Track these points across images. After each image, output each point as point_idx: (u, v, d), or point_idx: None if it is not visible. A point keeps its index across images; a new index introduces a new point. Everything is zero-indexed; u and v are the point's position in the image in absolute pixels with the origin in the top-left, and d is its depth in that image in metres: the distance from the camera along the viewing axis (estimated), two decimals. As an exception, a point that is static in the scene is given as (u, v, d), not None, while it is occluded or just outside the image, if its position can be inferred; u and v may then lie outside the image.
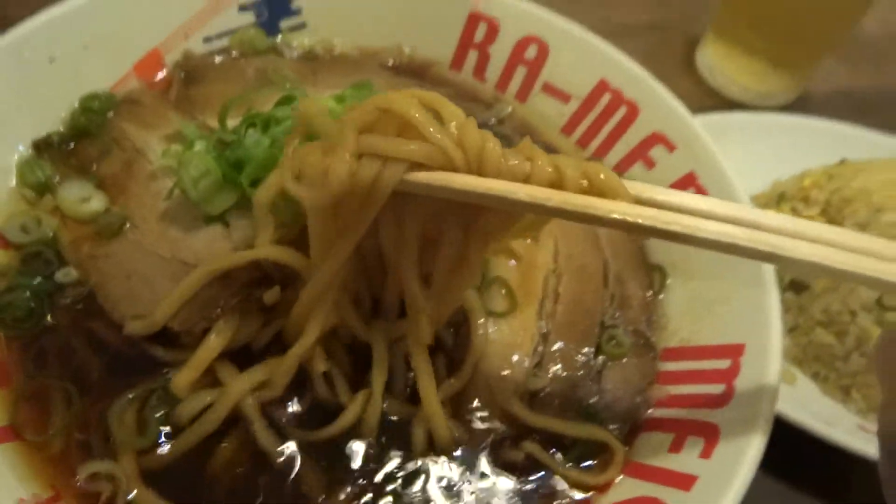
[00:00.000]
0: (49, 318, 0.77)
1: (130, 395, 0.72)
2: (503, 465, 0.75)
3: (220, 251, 0.82)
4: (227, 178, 0.81)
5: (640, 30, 1.01)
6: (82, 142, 0.90)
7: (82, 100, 0.92)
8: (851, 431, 1.08)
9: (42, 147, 0.88)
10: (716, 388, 0.78)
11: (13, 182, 0.85)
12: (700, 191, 0.94)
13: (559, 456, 0.77)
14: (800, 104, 1.60)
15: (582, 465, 0.77)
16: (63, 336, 0.77)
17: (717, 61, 1.61)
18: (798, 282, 1.17)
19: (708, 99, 1.57)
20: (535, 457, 0.76)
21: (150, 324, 0.76)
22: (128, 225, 0.85)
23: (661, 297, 0.91)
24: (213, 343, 0.73)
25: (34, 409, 0.72)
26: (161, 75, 1.00)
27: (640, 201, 0.62)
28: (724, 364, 0.79)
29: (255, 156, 0.79)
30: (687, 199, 0.63)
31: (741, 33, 1.56)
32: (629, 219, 0.60)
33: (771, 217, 0.62)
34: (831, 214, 1.22)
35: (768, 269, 0.83)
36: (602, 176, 0.61)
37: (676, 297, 0.91)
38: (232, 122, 0.87)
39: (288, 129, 0.80)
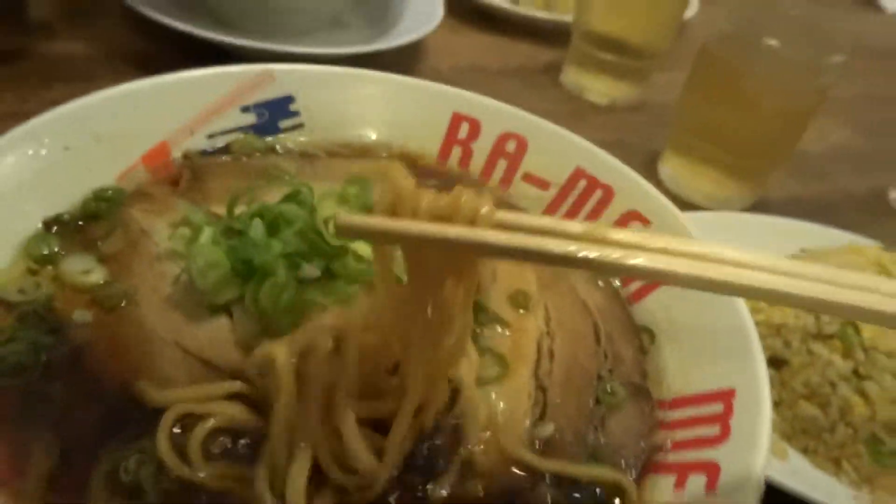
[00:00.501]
0: (44, 369, 0.78)
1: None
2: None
3: (223, 342, 0.82)
4: (235, 272, 0.83)
5: (605, 146, 1.13)
6: (90, 223, 0.94)
7: (96, 191, 0.97)
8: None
9: (51, 224, 0.92)
10: (712, 430, 0.80)
11: (18, 255, 0.88)
12: (677, 258, 1.00)
13: (577, 496, 0.76)
14: (756, 209, 1.72)
15: (598, 506, 0.76)
16: (56, 388, 0.76)
17: (677, 171, 1.75)
18: (776, 357, 1.22)
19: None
20: (555, 499, 0.75)
21: (158, 401, 0.76)
22: (124, 302, 0.86)
23: (652, 353, 0.94)
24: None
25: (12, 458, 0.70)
26: (167, 168, 1.05)
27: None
28: (717, 408, 0.82)
29: (265, 259, 0.81)
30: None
31: (696, 145, 1.71)
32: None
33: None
34: (799, 294, 1.28)
35: (746, 315, 0.88)
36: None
37: (665, 355, 0.94)
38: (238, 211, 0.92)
39: (298, 231, 0.85)
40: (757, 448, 0.74)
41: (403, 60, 1.94)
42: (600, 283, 1.04)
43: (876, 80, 2.56)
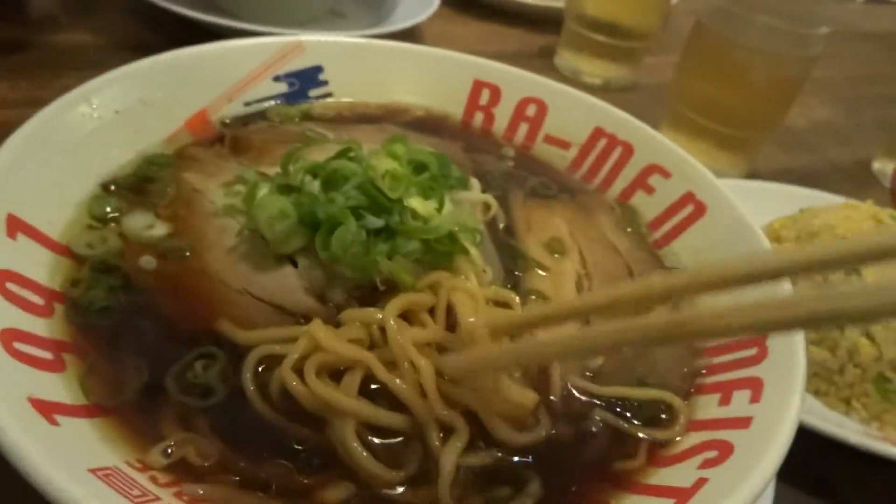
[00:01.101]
0: (126, 309, 0.82)
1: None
2: (580, 434, 0.79)
3: (292, 289, 0.86)
4: (302, 222, 0.87)
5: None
6: (144, 184, 0.98)
7: (148, 157, 1.01)
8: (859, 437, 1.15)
9: (109, 186, 0.96)
10: (750, 351, 0.85)
11: (81, 213, 0.91)
12: (699, 206, 1.07)
13: (629, 416, 0.82)
14: (750, 178, 1.79)
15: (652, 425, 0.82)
16: (140, 324, 0.80)
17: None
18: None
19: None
20: (608, 422, 0.80)
21: (239, 337, 0.80)
22: (188, 253, 0.90)
23: (682, 292, 1.00)
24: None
25: (107, 383, 0.74)
26: (208, 132, 1.09)
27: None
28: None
29: (330, 211, 0.85)
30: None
31: (690, 119, 1.79)
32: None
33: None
34: (803, 248, 1.35)
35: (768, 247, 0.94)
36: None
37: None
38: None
39: (356, 185, 0.88)
40: (796, 359, 0.80)
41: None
42: (628, 228, 1.10)
43: (851, 61, 2.69)
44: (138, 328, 0.80)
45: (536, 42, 2.29)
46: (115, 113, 0.99)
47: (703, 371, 0.89)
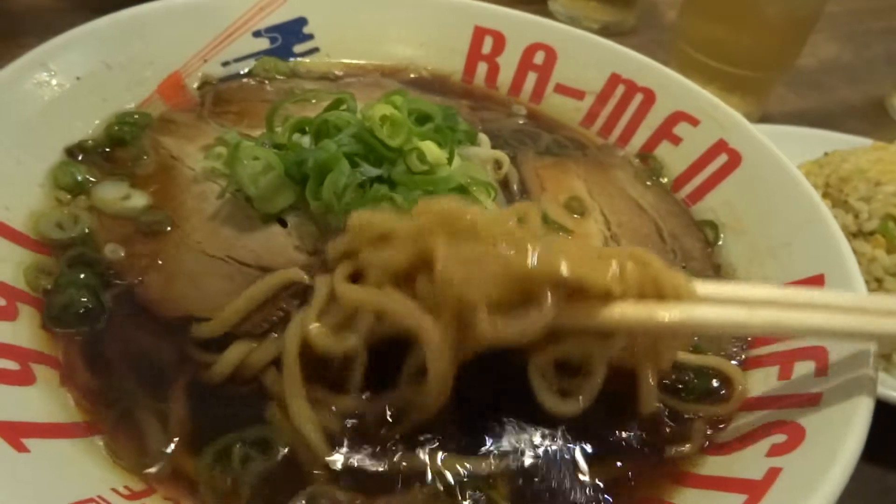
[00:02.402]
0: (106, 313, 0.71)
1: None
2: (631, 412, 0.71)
3: (280, 248, 0.78)
4: (290, 175, 0.78)
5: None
6: (116, 149, 0.87)
7: (119, 114, 0.90)
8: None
9: (75, 152, 0.85)
10: (807, 316, 0.76)
11: (45, 188, 0.80)
12: (732, 154, 0.97)
13: (683, 394, 0.73)
14: (763, 123, 1.69)
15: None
16: (120, 332, 0.70)
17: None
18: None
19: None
20: (664, 401, 0.72)
21: (219, 326, 0.70)
22: (168, 227, 0.80)
23: (719, 246, 0.91)
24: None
25: (108, 410, 0.64)
26: (183, 97, 0.97)
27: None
28: (809, 294, 0.78)
29: (321, 157, 0.77)
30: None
31: (700, 62, 1.67)
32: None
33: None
34: (833, 195, 1.26)
35: (821, 204, 0.85)
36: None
37: (735, 249, 0.91)
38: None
39: (352, 134, 0.79)
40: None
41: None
42: (648, 182, 1.00)
43: (855, -7, 2.56)
44: (122, 329, 0.70)
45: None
46: (77, 79, 0.87)
47: (753, 339, 0.80)
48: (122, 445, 0.61)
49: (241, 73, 1.04)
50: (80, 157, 0.84)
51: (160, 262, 0.76)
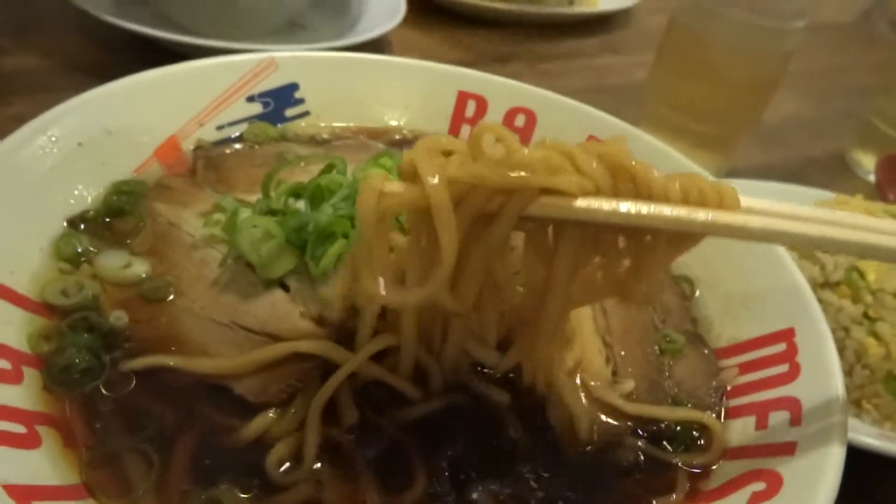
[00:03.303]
0: (107, 373, 0.73)
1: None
2: (618, 465, 0.74)
3: (285, 314, 0.81)
4: (290, 241, 0.81)
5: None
6: (116, 218, 0.90)
7: (115, 184, 0.93)
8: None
9: (77, 222, 0.87)
10: (781, 369, 0.81)
11: (49, 257, 0.82)
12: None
13: (665, 445, 0.76)
14: (730, 178, 1.77)
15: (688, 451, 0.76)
16: (125, 392, 0.72)
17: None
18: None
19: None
20: (646, 452, 0.76)
21: (219, 369, 0.74)
22: (171, 294, 0.82)
23: (696, 299, 0.96)
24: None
25: (108, 472, 0.65)
26: (180, 161, 1.01)
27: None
28: (780, 348, 0.83)
29: (320, 221, 0.80)
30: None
31: (669, 118, 1.75)
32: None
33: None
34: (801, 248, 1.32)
35: (787, 259, 0.90)
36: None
37: (710, 303, 0.96)
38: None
39: (345, 197, 0.84)
40: (833, 375, 0.75)
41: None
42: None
43: (815, 52, 2.69)
44: (124, 391, 0.72)
45: (501, 48, 2.24)
46: (78, 145, 0.90)
47: (730, 390, 0.84)
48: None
49: (234, 136, 1.08)
50: (81, 227, 0.87)
51: (166, 328, 0.78)
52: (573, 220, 0.63)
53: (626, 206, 0.62)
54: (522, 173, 0.60)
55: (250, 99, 1.10)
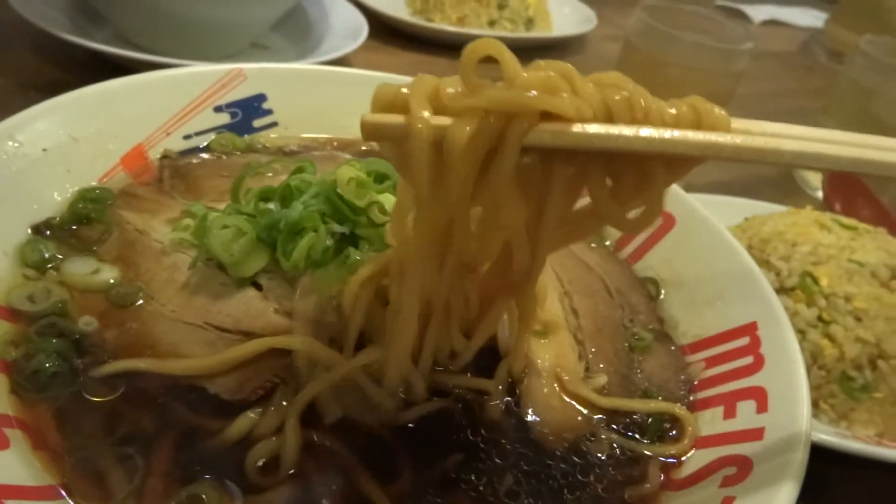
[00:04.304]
0: (80, 376, 0.71)
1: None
2: (590, 457, 0.75)
3: (259, 312, 0.80)
4: (261, 239, 0.81)
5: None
6: (82, 226, 0.88)
7: (81, 191, 0.92)
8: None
9: (41, 229, 0.86)
10: (745, 361, 0.84)
11: (13, 263, 0.80)
12: (667, 217, 1.05)
13: (638, 437, 0.78)
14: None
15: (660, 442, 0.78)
16: (99, 397, 0.70)
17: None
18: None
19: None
20: (616, 444, 0.77)
21: (193, 369, 0.73)
22: (140, 299, 0.81)
23: (662, 300, 0.98)
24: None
25: (87, 475, 0.64)
26: (146, 169, 1.00)
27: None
28: (744, 341, 0.86)
29: (291, 217, 0.80)
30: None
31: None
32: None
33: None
34: (756, 255, 1.36)
35: (749, 260, 0.93)
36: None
37: (676, 303, 0.98)
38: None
39: (315, 194, 0.84)
40: (795, 364, 0.78)
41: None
42: (592, 244, 1.07)
43: (757, 78, 2.81)
44: (96, 395, 0.71)
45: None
46: (43, 151, 0.89)
47: (697, 383, 0.86)
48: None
49: (201, 146, 1.08)
50: (47, 233, 0.86)
51: (138, 333, 0.77)
52: (568, 149, 0.60)
53: (627, 131, 0.59)
54: (527, 93, 0.57)
55: (218, 109, 1.10)
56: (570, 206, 0.67)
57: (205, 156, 1.06)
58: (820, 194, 1.94)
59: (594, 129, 0.59)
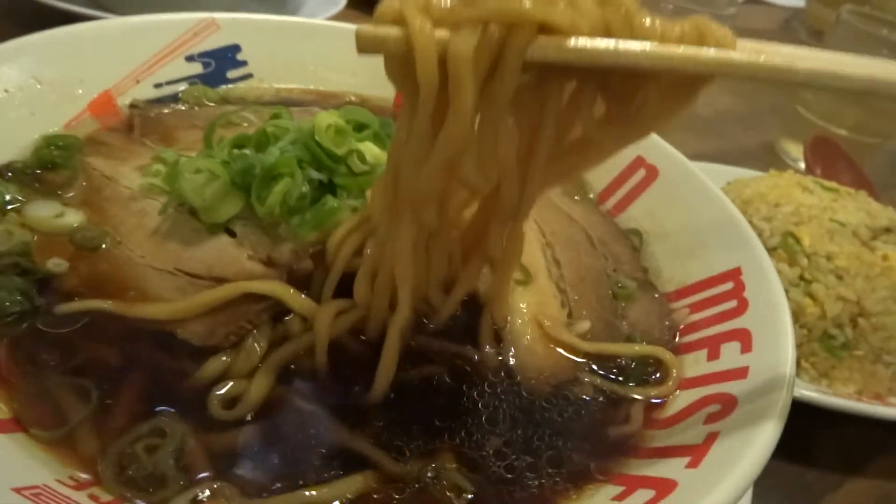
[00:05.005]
0: (41, 315, 0.69)
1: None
2: (574, 400, 0.74)
3: (232, 258, 0.77)
4: (235, 184, 0.79)
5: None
6: (46, 171, 0.85)
7: (47, 137, 0.88)
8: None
9: (2, 172, 0.82)
10: (730, 305, 0.82)
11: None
12: (650, 169, 1.04)
13: (622, 380, 0.76)
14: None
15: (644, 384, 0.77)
16: (60, 333, 0.67)
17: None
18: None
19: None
20: (600, 387, 0.75)
21: (165, 313, 0.71)
22: (105, 243, 0.78)
23: (645, 250, 0.97)
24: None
25: (41, 407, 0.61)
26: (115, 116, 0.97)
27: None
28: (728, 286, 0.85)
29: (267, 161, 0.78)
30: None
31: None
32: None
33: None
34: (738, 216, 1.36)
35: (732, 208, 0.92)
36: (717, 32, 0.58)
37: (660, 252, 0.97)
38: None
39: (292, 141, 0.81)
40: (780, 306, 0.77)
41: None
42: (576, 196, 1.06)
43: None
44: (61, 334, 0.68)
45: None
46: (5, 92, 0.86)
47: (682, 328, 0.85)
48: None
49: (172, 95, 1.04)
50: (8, 176, 0.82)
51: (106, 276, 0.74)
52: (565, 67, 0.57)
53: (636, 45, 0.55)
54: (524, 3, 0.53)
55: (189, 58, 1.07)
56: (561, 138, 0.65)
57: (176, 106, 1.03)
58: (801, 165, 1.94)
59: (602, 43, 0.55)
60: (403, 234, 0.66)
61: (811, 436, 1.12)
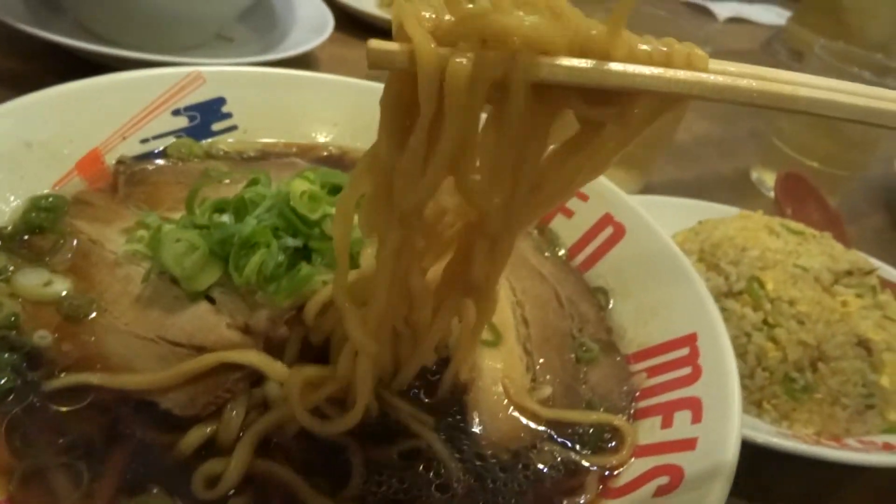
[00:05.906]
0: (33, 390, 0.72)
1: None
2: (531, 467, 0.78)
3: (211, 326, 0.81)
4: (214, 253, 0.82)
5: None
6: (34, 235, 0.88)
7: (34, 198, 0.91)
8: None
9: (-9, 240, 0.85)
10: (684, 371, 0.87)
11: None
12: (617, 227, 1.08)
13: (579, 448, 0.81)
14: (645, 193, 1.87)
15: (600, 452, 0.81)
16: (50, 411, 0.71)
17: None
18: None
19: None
20: (557, 455, 0.80)
21: (143, 384, 0.74)
22: (94, 311, 0.82)
23: (610, 309, 1.01)
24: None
25: (34, 488, 0.65)
26: (102, 175, 1.00)
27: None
28: (684, 352, 0.89)
29: (244, 232, 0.81)
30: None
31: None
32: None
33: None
34: (707, 259, 1.41)
35: (691, 270, 0.97)
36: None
37: (624, 311, 1.01)
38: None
39: (269, 208, 0.85)
40: (729, 375, 0.82)
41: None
42: (547, 253, 1.10)
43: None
44: (51, 411, 0.71)
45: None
46: (-5, 156, 0.89)
47: (639, 393, 0.90)
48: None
49: (158, 150, 1.08)
50: (-1, 245, 0.86)
51: (91, 346, 0.78)
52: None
53: (646, 70, 0.58)
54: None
55: (176, 112, 1.10)
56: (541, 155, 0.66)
57: (161, 161, 1.06)
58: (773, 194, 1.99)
59: (616, 67, 0.58)
60: (390, 248, 0.67)
61: (771, 477, 1.17)
